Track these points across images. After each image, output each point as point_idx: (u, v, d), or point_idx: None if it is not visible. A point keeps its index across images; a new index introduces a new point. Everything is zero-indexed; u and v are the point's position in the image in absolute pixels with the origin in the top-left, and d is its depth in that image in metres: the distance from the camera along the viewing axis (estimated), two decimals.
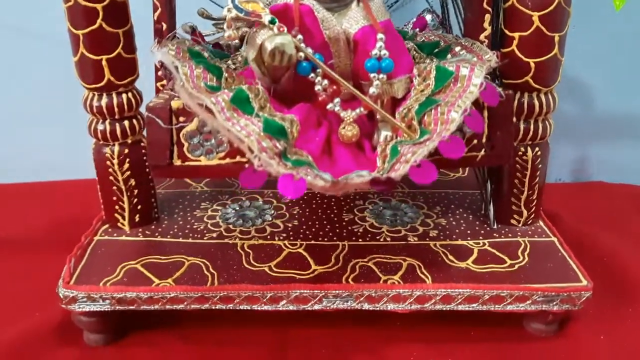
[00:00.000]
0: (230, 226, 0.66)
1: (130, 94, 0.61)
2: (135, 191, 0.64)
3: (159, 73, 0.61)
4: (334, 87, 0.49)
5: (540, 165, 0.63)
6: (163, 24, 0.59)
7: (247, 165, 0.45)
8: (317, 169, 0.45)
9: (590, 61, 0.86)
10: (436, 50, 0.60)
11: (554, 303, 0.56)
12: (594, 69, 0.87)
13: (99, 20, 0.56)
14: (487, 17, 0.60)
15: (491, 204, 0.66)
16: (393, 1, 0.82)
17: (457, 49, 0.58)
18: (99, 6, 0.55)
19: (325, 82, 0.48)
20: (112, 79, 0.58)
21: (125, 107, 0.60)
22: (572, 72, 0.85)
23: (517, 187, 0.64)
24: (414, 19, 0.70)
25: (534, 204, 0.65)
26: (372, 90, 0.49)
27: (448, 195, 0.73)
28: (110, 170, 0.62)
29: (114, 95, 0.60)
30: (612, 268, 0.69)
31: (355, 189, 0.46)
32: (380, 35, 0.48)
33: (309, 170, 0.44)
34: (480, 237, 0.64)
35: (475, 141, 0.52)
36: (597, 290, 0.57)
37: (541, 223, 0.67)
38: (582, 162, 0.94)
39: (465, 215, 0.69)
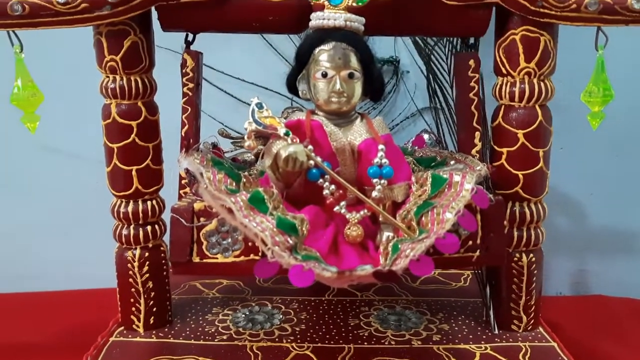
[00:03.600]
0: (240, 329, 0.69)
1: (154, 202, 0.66)
2: (152, 293, 0.68)
3: (183, 182, 0.68)
4: (341, 191, 0.54)
5: (535, 271, 0.67)
6: (190, 139, 0.66)
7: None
8: (325, 263, 0.49)
9: (579, 178, 0.92)
10: (433, 164, 0.66)
11: None
12: (585, 186, 0.93)
13: (132, 135, 0.63)
14: (477, 134, 0.67)
15: (491, 309, 0.69)
16: (393, 125, 0.90)
17: (452, 162, 0.65)
18: (134, 123, 0.63)
19: (333, 187, 0.54)
20: (139, 187, 0.65)
21: (150, 213, 0.66)
22: (564, 189, 0.91)
23: (515, 292, 0.67)
24: (413, 138, 0.77)
25: (532, 309, 0.68)
26: (374, 193, 0.54)
27: (450, 303, 0.76)
28: (130, 272, 0.67)
29: (140, 203, 0.65)
30: None
31: (359, 282, 0.49)
32: (381, 146, 0.55)
33: (316, 264, 0.48)
34: (482, 342, 0.66)
35: (470, 242, 0.56)
36: None
37: (541, 329, 0.69)
38: (581, 276, 0.97)
39: (467, 321, 0.71)
